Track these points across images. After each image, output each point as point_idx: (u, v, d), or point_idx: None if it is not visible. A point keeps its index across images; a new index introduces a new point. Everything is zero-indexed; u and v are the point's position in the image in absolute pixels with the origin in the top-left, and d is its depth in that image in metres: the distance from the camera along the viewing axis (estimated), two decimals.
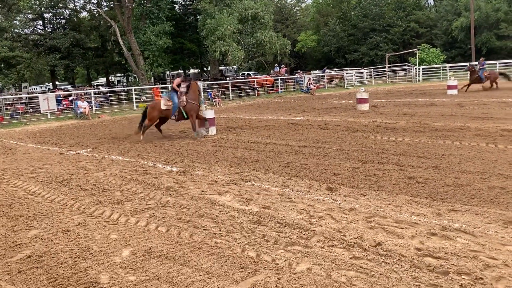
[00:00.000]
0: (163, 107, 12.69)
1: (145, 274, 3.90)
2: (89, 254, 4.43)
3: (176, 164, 8.84)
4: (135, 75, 37.46)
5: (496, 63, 35.25)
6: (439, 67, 37.87)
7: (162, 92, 29.15)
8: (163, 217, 5.46)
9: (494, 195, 5.56)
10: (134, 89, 27.53)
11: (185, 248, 4.43)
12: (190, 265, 4.02)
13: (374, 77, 39.78)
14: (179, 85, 12.84)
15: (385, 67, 41.03)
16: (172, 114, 12.69)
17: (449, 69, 36.13)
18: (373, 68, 41.00)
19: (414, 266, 3.71)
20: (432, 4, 58.87)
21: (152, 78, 37.62)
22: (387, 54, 42.96)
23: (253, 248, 4.31)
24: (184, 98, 12.54)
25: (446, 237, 4.29)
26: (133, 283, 3.73)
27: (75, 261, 4.25)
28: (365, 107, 17.25)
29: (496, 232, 4.35)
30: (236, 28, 31.29)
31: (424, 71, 37.62)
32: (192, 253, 4.28)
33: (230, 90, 29.33)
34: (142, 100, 27.72)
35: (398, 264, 3.77)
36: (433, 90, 25.96)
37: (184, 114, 12.63)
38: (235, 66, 39.23)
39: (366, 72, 39.73)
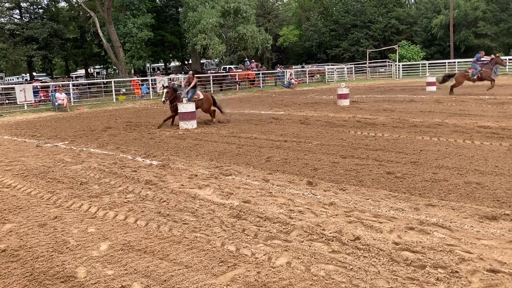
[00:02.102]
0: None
1: (123, 268, 3.86)
2: (66, 248, 4.35)
3: (156, 158, 8.76)
4: (114, 67, 36.89)
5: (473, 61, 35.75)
6: (419, 64, 38.36)
7: (142, 85, 28.87)
8: (142, 211, 5.40)
9: (470, 190, 5.67)
10: (114, 81, 27.15)
11: (164, 242, 4.39)
12: (169, 259, 3.99)
13: (355, 73, 40.08)
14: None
15: (365, 63, 41.36)
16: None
17: (428, 66, 36.65)
18: (354, 64, 41.29)
19: (392, 260, 3.76)
20: (412, 1, 59.50)
21: (132, 70, 37.13)
22: (367, 50, 43.28)
23: (232, 242, 4.30)
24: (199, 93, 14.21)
25: (424, 231, 4.35)
26: (111, 277, 3.68)
27: (52, 255, 4.17)
28: (345, 102, 17.36)
29: (472, 226, 4.43)
30: (218, 22, 31.08)
31: (404, 68, 38.05)
32: (171, 247, 4.25)
33: (212, 84, 29.17)
34: (121, 92, 27.38)
35: (376, 258, 3.81)
36: (413, 86, 26.30)
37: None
38: (216, 60, 38.99)
39: (347, 68, 39.99)
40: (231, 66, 45.98)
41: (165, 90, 13.84)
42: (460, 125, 10.82)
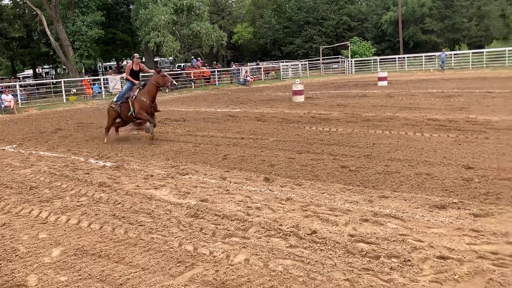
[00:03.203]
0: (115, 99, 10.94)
1: (77, 273, 3.74)
2: (16, 256, 4.17)
3: (110, 159, 8.54)
4: (64, 67, 35.66)
5: (422, 56, 37.21)
6: (370, 60, 39.39)
7: (94, 84, 28.06)
8: (96, 214, 5.25)
9: (421, 181, 5.87)
10: (64, 81, 26.23)
11: (120, 245, 4.29)
12: (125, 262, 3.90)
13: (309, 69, 40.62)
14: (137, 73, 10.72)
15: (319, 60, 42.03)
16: (116, 100, 10.58)
17: (379, 62, 37.70)
18: (308, 61, 41.84)
19: (348, 252, 3.84)
20: None
21: (83, 69, 36.00)
22: (321, 47, 43.98)
23: (190, 242, 4.26)
24: (136, 92, 10.34)
25: (377, 222, 4.47)
26: (64, 284, 3.56)
27: (0, 264, 3.99)
28: (300, 98, 17.57)
29: (423, 216, 4.59)
30: (171, 19, 30.63)
31: (356, 64, 38.94)
32: (127, 250, 4.15)
33: None
34: (72, 92, 26.50)
35: (333, 251, 3.88)
36: (365, 81, 26.96)
37: (131, 110, 10.19)
38: (170, 58, 38.45)
39: (301, 65, 40.47)
40: (188, 64, 45.54)
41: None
42: (411, 118, 11.19)
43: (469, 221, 4.36)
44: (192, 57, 38.87)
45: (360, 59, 40.18)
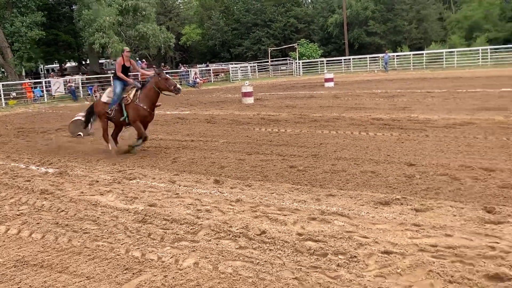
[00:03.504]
0: (104, 99, 9.15)
1: (17, 286, 3.56)
2: None
3: (52, 165, 8.21)
4: (3, 69, 33.90)
5: (366, 57, 38.43)
6: (317, 61, 40.24)
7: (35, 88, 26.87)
8: (38, 223, 5.03)
9: (366, 178, 6.06)
10: (2, 84, 24.95)
11: (63, 254, 4.13)
12: (69, 271, 3.76)
13: (258, 71, 40.93)
14: (127, 70, 9.10)
15: (268, 61, 42.42)
16: (110, 105, 8.84)
17: (326, 63, 38.57)
18: (257, 62, 42.14)
19: (296, 251, 3.89)
20: (309, 0, 62.08)
21: (24, 72, 34.38)
22: (269, 49, 44.41)
23: (138, 248, 4.16)
24: (131, 93, 8.77)
25: (325, 220, 4.56)
26: None
27: None
28: (250, 100, 17.66)
29: (368, 212, 4.73)
30: (116, 20, 29.89)
31: (303, 65, 39.65)
32: (71, 259, 4.00)
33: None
34: (12, 96, 25.27)
35: (282, 250, 3.92)
36: (312, 83, 27.49)
37: (125, 115, 8.75)
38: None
39: (251, 66, 40.70)
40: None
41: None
42: (356, 118, 11.51)
43: (411, 216, 4.54)
44: (137, 59, 38.12)
45: (308, 60, 40.95)
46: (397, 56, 37.48)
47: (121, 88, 8.88)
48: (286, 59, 43.63)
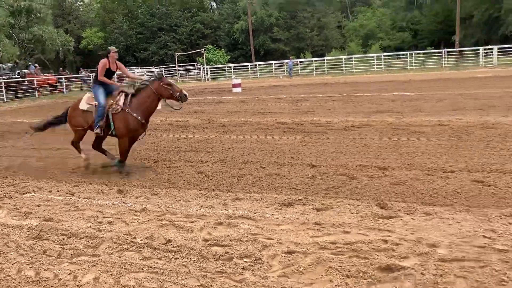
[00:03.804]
0: (82, 106, 7.42)
1: None
2: None
3: None
4: None
5: (272, 63, 39.54)
6: (225, 67, 40.58)
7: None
8: None
9: (270, 181, 6.21)
10: None
11: None
12: None
13: (166, 76, 40.26)
14: (112, 74, 7.63)
15: (175, 66, 41.90)
16: (96, 122, 7.16)
17: (233, 69, 39.03)
18: (164, 67, 41.45)
19: (202, 257, 3.87)
20: (215, 6, 62.49)
21: None
22: (176, 54, 43.93)
23: (31, 267, 3.87)
24: (120, 100, 7.21)
25: (231, 224, 4.59)
26: None
27: None
28: (157, 106, 17.25)
29: (272, 214, 4.85)
30: (7, 22, 27.69)
31: (211, 71, 39.78)
32: None
33: (4, 91, 25.85)
34: None
35: (187, 258, 3.87)
36: (220, 88, 27.67)
37: (112, 126, 7.19)
38: (9, 64, 34.75)
39: (157, 71, 39.93)
40: (26, 71, 41.53)
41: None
42: (262, 122, 11.78)
43: (313, 215, 4.73)
44: (30, 63, 35.70)
45: (215, 66, 41.16)
46: (300, 62, 39.05)
47: (105, 96, 7.22)
48: (193, 64, 43.45)
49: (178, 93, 7.39)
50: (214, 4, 62.35)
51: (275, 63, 39.24)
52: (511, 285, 3.16)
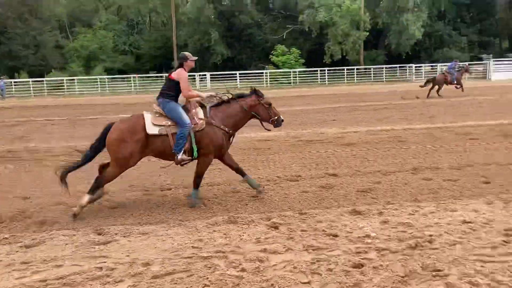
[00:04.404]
0: (151, 130, 5.61)
1: None
2: None
3: None
4: None
5: None
6: None
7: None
8: None
9: None
10: None
11: None
12: None
13: None
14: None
15: None
16: (179, 147, 5.62)
17: None
18: None
19: None
20: None
21: None
22: None
23: None
24: (199, 113, 5.86)
25: None
26: None
27: None
28: None
29: None
30: None
31: None
32: None
33: None
34: None
35: None
36: None
37: (195, 148, 5.72)
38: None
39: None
40: None
41: None
42: None
43: (21, 253, 4.28)
44: None
45: None
46: (15, 82, 35.15)
47: (183, 111, 5.78)
48: None
49: (276, 117, 6.19)
50: None
51: None
52: (213, 287, 3.55)
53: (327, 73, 37.52)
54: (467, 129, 11.11)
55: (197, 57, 6.29)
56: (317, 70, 37.65)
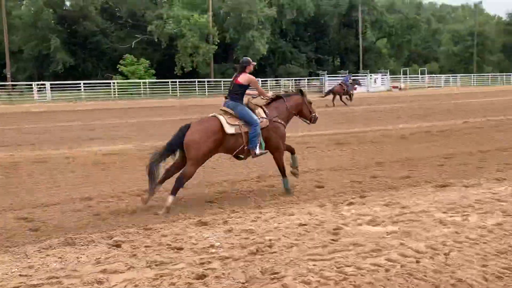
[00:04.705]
0: (229, 129, 6.18)
1: None
2: None
3: None
4: None
5: None
6: None
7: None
8: None
9: None
10: None
11: None
12: None
13: None
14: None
15: None
16: (254, 144, 6.27)
17: None
18: None
19: None
20: None
21: None
22: None
23: None
24: (261, 112, 6.58)
25: None
26: None
27: None
28: None
29: None
30: None
31: None
32: None
33: None
34: None
35: None
36: None
37: (263, 143, 6.43)
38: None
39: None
40: None
41: None
42: None
43: None
44: None
45: None
46: None
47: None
48: None
49: (314, 114, 7.22)
50: None
51: None
52: None
53: (179, 84, 37.44)
54: (306, 138, 12.06)
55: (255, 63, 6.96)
56: (168, 82, 37.34)
